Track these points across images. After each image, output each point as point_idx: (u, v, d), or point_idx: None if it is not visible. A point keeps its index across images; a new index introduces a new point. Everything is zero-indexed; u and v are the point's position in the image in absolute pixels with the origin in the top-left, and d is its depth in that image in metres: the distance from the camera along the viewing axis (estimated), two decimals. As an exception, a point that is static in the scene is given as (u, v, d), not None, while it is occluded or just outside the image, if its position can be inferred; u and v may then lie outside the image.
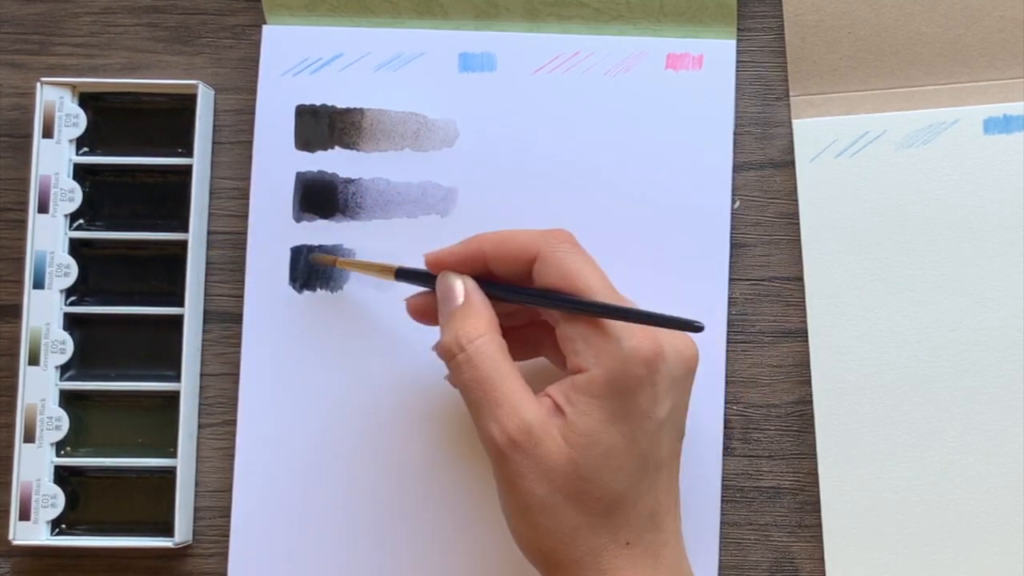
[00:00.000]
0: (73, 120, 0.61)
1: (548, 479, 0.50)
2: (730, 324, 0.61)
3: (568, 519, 0.51)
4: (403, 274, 0.57)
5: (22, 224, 0.61)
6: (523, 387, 0.51)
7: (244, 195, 0.62)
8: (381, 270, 0.58)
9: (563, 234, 0.54)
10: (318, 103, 0.62)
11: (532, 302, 0.54)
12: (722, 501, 0.60)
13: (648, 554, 0.52)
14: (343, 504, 0.60)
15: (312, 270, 0.61)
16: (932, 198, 0.60)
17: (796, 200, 0.61)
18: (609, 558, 0.51)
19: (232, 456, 0.60)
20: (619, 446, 0.51)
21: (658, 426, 0.51)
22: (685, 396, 0.53)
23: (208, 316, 0.62)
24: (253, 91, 0.62)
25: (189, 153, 0.61)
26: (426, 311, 0.56)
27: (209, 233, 0.62)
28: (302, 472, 0.60)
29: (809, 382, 0.60)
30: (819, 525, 0.60)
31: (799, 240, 0.61)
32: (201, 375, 0.61)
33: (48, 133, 0.61)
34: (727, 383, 0.60)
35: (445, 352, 0.53)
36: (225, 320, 0.62)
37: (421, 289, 0.57)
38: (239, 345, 0.61)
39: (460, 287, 0.54)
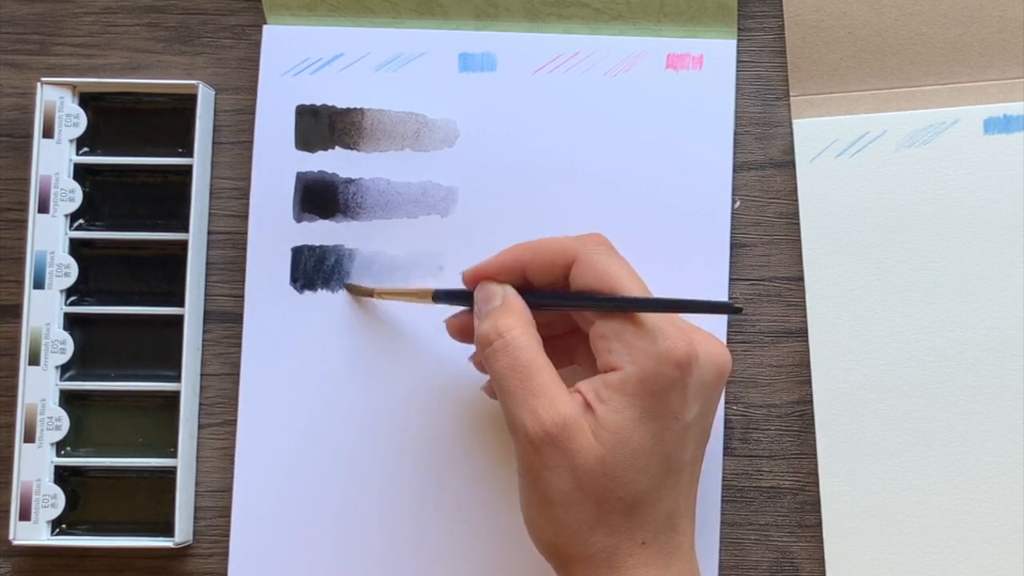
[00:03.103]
0: (73, 120, 0.61)
1: (575, 475, 0.50)
2: (730, 324, 0.61)
3: (587, 516, 0.51)
4: (440, 296, 0.57)
5: (22, 224, 0.61)
6: (558, 380, 0.52)
7: (244, 195, 0.62)
8: (418, 295, 0.58)
9: (598, 237, 0.54)
10: (318, 103, 0.62)
11: (570, 305, 0.54)
12: (722, 501, 0.60)
13: (662, 554, 0.52)
14: (343, 504, 0.60)
15: (313, 270, 0.61)
16: (932, 198, 0.60)
17: (796, 200, 0.61)
18: (623, 556, 0.51)
19: (232, 456, 0.60)
20: (646, 446, 0.51)
21: (685, 428, 0.52)
22: (714, 401, 0.54)
23: (208, 316, 0.62)
24: (253, 91, 0.62)
25: (189, 153, 0.61)
26: (466, 329, 0.56)
27: (209, 233, 0.62)
28: (302, 472, 0.60)
29: (809, 382, 0.60)
30: (819, 525, 0.60)
31: (799, 240, 0.61)
32: (201, 375, 0.61)
33: (48, 133, 0.61)
34: (727, 383, 0.60)
35: (482, 339, 0.53)
36: (225, 320, 0.62)
37: (458, 309, 0.57)
38: (239, 345, 0.61)
39: (499, 291, 0.54)
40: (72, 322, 0.61)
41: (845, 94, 0.61)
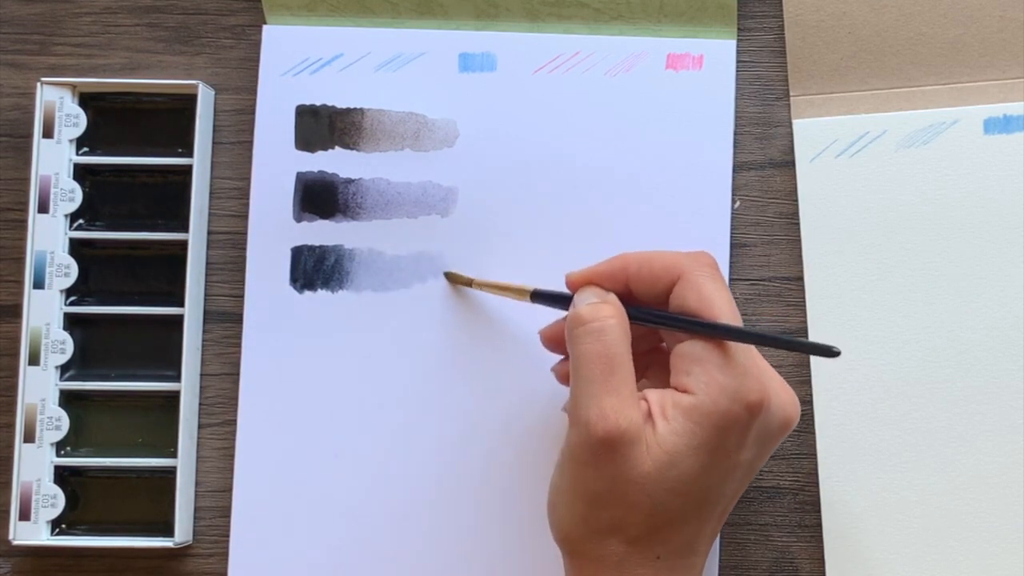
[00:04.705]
0: (73, 120, 0.61)
1: (614, 482, 0.50)
2: (730, 324, 0.61)
3: (611, 520, 0.51)
4: (539, 296, 0.57)
5: (22, 224, 0.61)
6: (634, 385, 0.51)
7: (244, 195, 0.62)
8: (517, 292, 0.58)
9: (706, 257, 0.53)
10: (318, 103, 0.62)
11: (667, 324, 0.53)
12: (722, 501, 0.60)
13: (674, 571, 0.52)
14: (343, 504, 0.60)
15: (313, 270, 0.61)
16: (932, 198, 0.60)
17: (796, 200, 0.61)
18: (634, 565, 0.51)
19: (232, 456, 0.60)
20: (692, 475, 0.50)
21: (734, 467, 0.51)
22: (770, 449, 0.53)
23: (208, 316, 0.62)
24: (253, 91, 0.62)
25: (189, 153, 0.61)
26: (560, 340, 0.56)
27: (209, 233, 0.62)
28: (302, 472, 0.60)
29: (809, 382, 0.60)
30: (819, 525, 0.60)
31: (799, 240, 0.61)
32: (201, 375, 0.61)
33: (48, 133, 0.61)
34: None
35: (577, 318, 0.52)
36: (225, 320, 0.62)
37: (556, 314, 0.56)
38: (239, 345, 0.61)
39: (601, 294, 0.54)
40: (72, 322, 0.61)
41: (845, 94, 0.61)
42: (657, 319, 0.53)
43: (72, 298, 0.61)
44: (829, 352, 0.49)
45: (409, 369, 0.60)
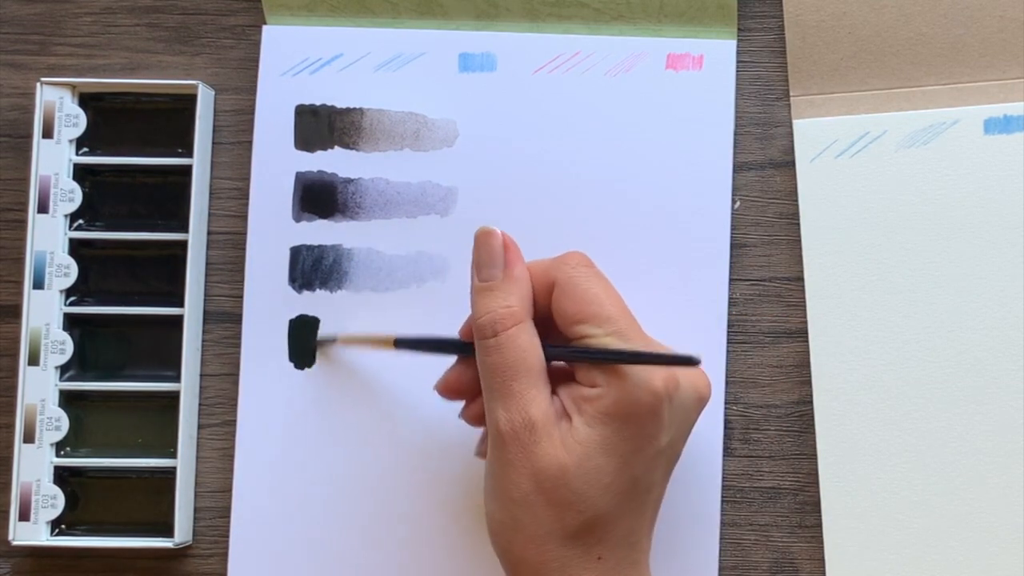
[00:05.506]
0: (73, 120, 0.61)
1: (536, 478, 0.51)
2: (730, 324, 0.61)
3: (545, 522, 0.51)
4: (402, 343, 0.57)
5: (22, 224, 0.61)
6: (540, 383, 0.52)
7: (244, 195, 0.62)
8: (378, 342, 0.58)
9: (575, 257, 0.54)
10: (318, 103, 0.62)
11: (552, 356, 0.53)
12: (722, 501, 0.60)
13: (617, 570, 0.52)
14: (343, 504, 0.60)
15: (311, 270, 0.61)
16: (932, 198, 0.60)
17: (796, 200, 0.61)
18: (577, 569, 0.51)
19: (232, 456, 0.60)
20: (613, 466, 0.51)
21: (658, 452, 0.52)
22: (690, 426, 0.54)
23: (208, 316, 0.62)
24: (253, 91, 0.62)
25: (189, 153, 0.61)
26: (458, 388, 0.56)
27: (209, 233, 0.62)
28: (302, 472, 0.60)
29: (809, 382, 0.60)
30: (819, 525, 0.60)
31: (799, 240, 0.61)
32: (201, 375, 0.61)
33: (48, 133, 0.61)
34: (727, 383, 0.60)
35: (478, 331, 0.53)
36: (225, 320, 0.62)
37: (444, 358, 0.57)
38: (239, 345, 0.61)
39: (501, 255, 0.54)
40: (72, 322, 0.61)
41: (845, 94, 0.61)
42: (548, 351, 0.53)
43: (72, 298, 0.61)
44: (689, 362, 0.50)
45: (408, 369, 0.60)
